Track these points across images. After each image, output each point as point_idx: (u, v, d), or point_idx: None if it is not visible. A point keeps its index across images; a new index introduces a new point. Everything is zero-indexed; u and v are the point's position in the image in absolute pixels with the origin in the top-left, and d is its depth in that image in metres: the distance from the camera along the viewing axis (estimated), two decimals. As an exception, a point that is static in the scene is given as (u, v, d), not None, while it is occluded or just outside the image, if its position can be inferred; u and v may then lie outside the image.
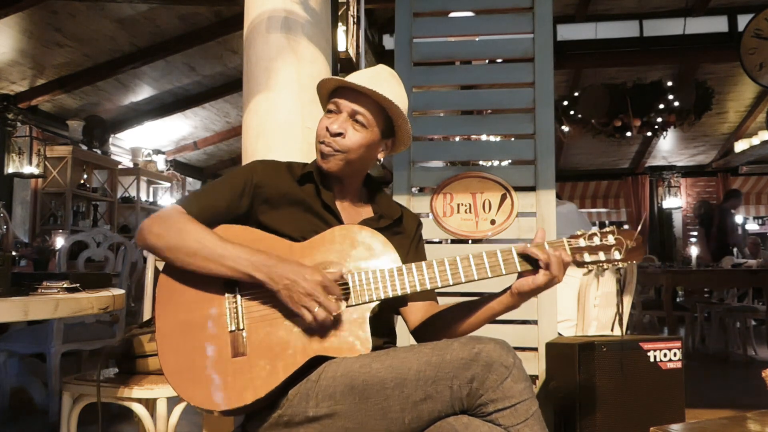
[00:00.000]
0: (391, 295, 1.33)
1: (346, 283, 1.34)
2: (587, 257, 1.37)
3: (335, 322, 1.31)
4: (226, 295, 1.34)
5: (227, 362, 1.29)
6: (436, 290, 1.45)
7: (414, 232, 1.61)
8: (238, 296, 1.33)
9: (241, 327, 1.31)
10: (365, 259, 1.37)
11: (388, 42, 7.05)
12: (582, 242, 1.38)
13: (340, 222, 1.47)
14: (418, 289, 1.34)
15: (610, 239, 1.39)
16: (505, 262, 1.35)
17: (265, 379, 1.27)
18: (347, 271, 1.35)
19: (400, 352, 1.26)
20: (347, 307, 1.33)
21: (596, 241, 1.39)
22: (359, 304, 1.33)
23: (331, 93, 1.51)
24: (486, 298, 1.46)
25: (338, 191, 1.53)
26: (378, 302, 1.34)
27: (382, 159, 1.56)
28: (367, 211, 1.56)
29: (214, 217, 1.40)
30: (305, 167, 1.52)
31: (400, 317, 1.60)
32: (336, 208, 1.48)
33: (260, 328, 1.31)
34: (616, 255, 1.38)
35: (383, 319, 1.46)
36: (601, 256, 1.38)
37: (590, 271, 1.40)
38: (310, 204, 1.46)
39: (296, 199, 1.46)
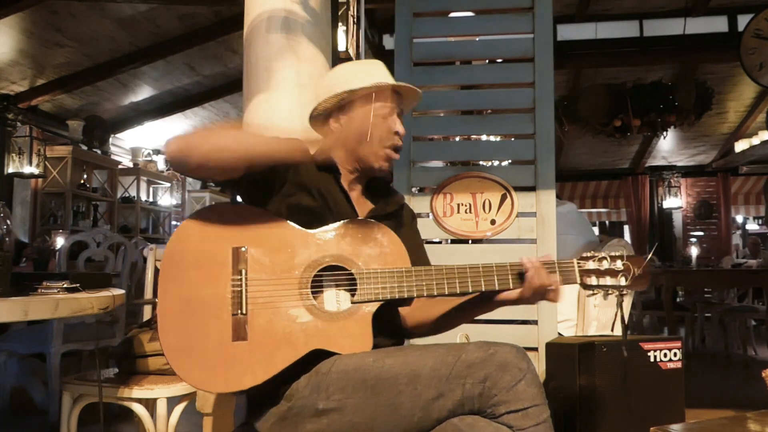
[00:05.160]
0: (397, 297, 1.34)
1: (354, 279, 1.35)
2: (594, 281, 1.40)
3: (339, 317, 1.32)
4: (232, 277, 1.33)
5: (227, 345, 1.29)
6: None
7: (410, 222, 1.64)
8: (243, 280, 1.33)
9: (244, 311, 1.30)
10: (375, 256, 1.37)
11: (388, 42, 7.04)
12: (591, 264, 1.41)
13: (354, 212, 1.48)
14: (425, 294, 1.35)
15: (618, 264, 1.41)
16: (500, 278, 1.37)
17: (264, 366, 1.27)
18: (355, 265, 1.36)
19: (414, 349, 1.27)
20: (352, 303, 1.33)
21: (605, 264, 1.41)
22: (364, 302, 1.33)
23: (370, 95, 1.48)
24: (465, 302, 1.48)
25: (351, 180, 1.54)
26: (382, 302, 1.34)
27: None
28: (370, 199, 1.57)
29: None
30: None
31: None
32: (351, 198, 1.50)
33: (263, 315, 1.31)
34: (622, 281, 1.40)
35: (392, 320, 1.47)
36: (608, 281, 1.40)
37: (594, 294, 1.43)
38: (327, 193, 1.46)
39: (318, 188, 1.45)
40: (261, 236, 1.36)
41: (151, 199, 8.56)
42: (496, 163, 3.04)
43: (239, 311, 1.30)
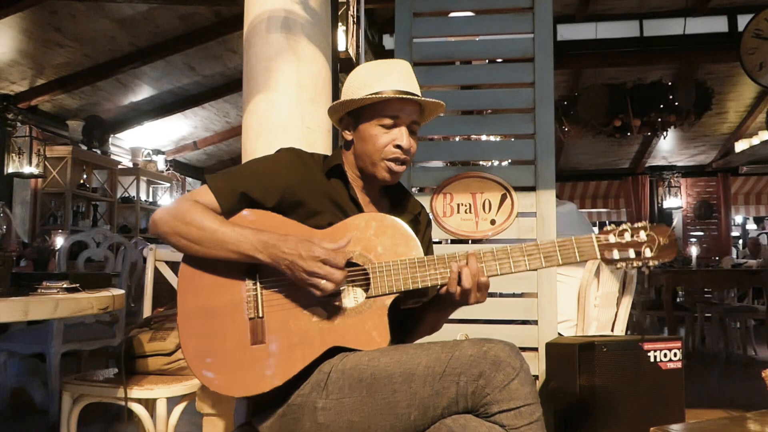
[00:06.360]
0: (411, 288, 1.32)
1: (366, 273, 1.34)
2: (616, 255, 1.33)
3: (354, 312, 1.31)
4: (246, 281, 1.34)
5: (246, 349, 1.30)
6: None
7: (425, 229, 1.59)
8: (258, 283, 1.34)
9: (261, 315, 1.32)
10: (388, 248, 1.35)
11: (388, 42, 7.04)
12: (612, 238, 1.33)
13: None
14: (439, 283, 1.33)
15: (642, 236, 1.33)
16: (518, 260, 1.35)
17: (283, 368, 1.28)
18: (367, 260, 1.35)
19: (409, 348, 1.27)
20: (367, 298, 1.33)
21: (627, 237, 1.33)
22: (379, 296, 1.32)
23: (372, 104, 1.43)
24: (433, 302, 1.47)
25: (362, 186, 1.51)
26: (398, 294, 1.33)
27: None
28: (387, 206, 1.55)
29: (238, 206, 1.39)
30: (328, 160, 1.50)
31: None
32: (362, 206, 1.47)
33: (279, 317, 1.32)
34: (647, 253, 1.32)
35: (398, 318, 1.46)
36: (631, 253, 1.33)
37: (619, 269, 1.36)
38: (339, 201, 1.44)
39: (327, 197, 1.43)
40: None
41: (150, 199, 8.56)
42: (496, 163, 3.04)
43: (256, 315, 1.32)
